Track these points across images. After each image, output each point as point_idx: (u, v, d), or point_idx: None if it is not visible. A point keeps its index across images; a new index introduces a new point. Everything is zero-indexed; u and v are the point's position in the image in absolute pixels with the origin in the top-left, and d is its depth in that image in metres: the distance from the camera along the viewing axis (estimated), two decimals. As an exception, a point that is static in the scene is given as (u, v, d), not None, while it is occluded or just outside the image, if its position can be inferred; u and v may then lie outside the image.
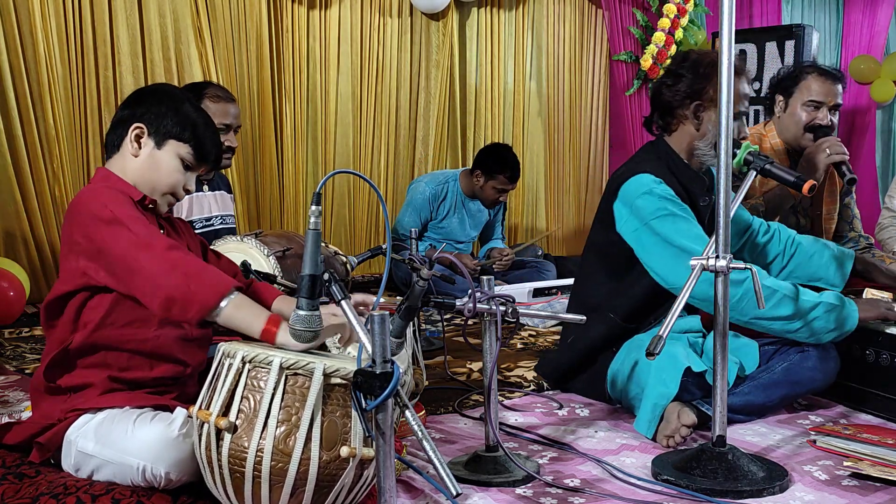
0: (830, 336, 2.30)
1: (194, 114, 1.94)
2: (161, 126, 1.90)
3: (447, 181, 4.74)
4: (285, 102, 4.99)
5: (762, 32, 5.68)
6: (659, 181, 2.38)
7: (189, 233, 2.06)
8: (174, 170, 1.92)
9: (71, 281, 1.82)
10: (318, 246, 1.55)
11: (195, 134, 1.92)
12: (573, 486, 1.92)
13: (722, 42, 1.88)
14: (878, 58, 6.80)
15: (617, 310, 2.48)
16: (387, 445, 1.43)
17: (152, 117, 1.90)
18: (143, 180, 1.90)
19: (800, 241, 2.69)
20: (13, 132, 4.03)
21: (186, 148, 1.92)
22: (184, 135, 1.91)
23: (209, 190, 3.22)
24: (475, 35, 5.80)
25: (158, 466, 1.64)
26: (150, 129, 1.90)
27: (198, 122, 1.94)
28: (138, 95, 1.96)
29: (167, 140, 1.91)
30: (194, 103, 1.99)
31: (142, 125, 1.90)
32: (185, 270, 1.70)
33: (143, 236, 1.74)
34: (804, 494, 1.88)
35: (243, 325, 1.71)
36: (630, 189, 2.40)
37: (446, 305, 1.93)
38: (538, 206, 6.25)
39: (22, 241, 4.10)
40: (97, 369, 1.82)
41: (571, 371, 2.62)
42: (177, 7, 4.54)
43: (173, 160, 1.91)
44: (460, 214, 4.77)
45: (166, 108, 1.91)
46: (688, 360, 2.22)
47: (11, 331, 3.58)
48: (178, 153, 1.91)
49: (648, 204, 2.35)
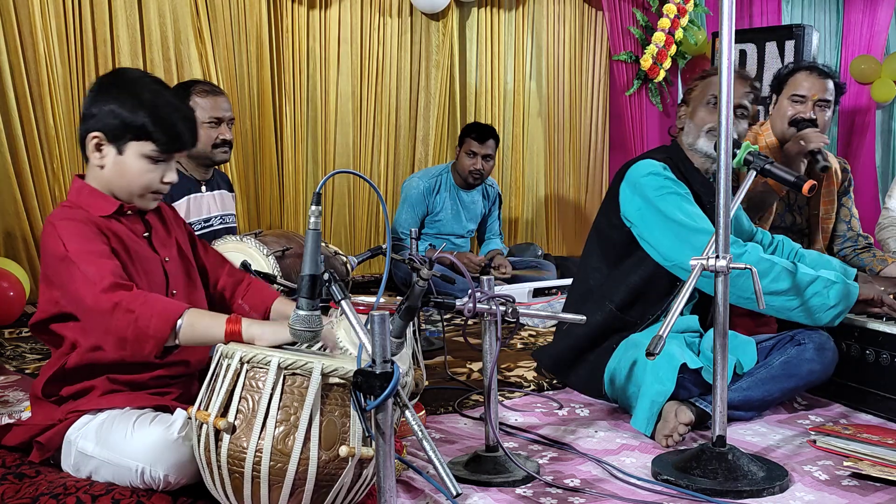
0: (831, 314, 2.31)
1: (149, 101, 1.78)
2: (116, 130, 1.78)
3: (440, 174, 4.78)
4: (285, 102, 4.99)
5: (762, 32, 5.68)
6: (665, 167, 2.48)
7: (178, 224, 2.03)
8: (143, 171, 1.81)
9: (47, 309, 1.82)
10: (318, 246, 1.55)
11: (155, 126, 1.77)
12: (573, 486, 1.92)
13: (722, 42, 1.88)
14: (879, 58, 6.79)
15: (613, 297, 2.51)
16: (387, 445, 1.43)
17: (106, 122, 1.78)
18: (116, 187, 1.83)
19: (803, 254, 2.70)
20: (13, 132, 4.03)
21: (149, 146, 1.79)
22: (142, 132, 1.77)
23: (207, 190, 3.21)
24: (475, 35, 5.80)
25: (157, 469, 1.64)
26: (108, 136, 1.79)
27: (155, 111, 1.77)
28: (91, 96, 1.82)
29: (126, 143, 1.79)
30: (151, 86, 1.83)
31: (97, 133, 1.79)
32: (128, 307, 1.65)
33: (89, 275, 1.69)
34: (804, 494, 1.88)
35: (206, 338, 1.68)
36: (636, 170, 2.50)
37: (446, 305, 1.93)
38: (538, 206, 6.25)
39: (22, 241, 4.09)
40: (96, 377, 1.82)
41: (567, 360, 2.62)
42: (177, 7, 4.54)
43: (138, 161, 1.80)
44: (455, 206, 4.78)
45: (118, 107, 1.77)
46: (683, 357, 2.24)
47: (11, 331, 3.58)
48: (141, 153, 1.79)
49: (653, 182, 2.44)
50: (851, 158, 6.84)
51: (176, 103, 1.85)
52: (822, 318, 2.32)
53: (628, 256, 2.50)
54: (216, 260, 2.07)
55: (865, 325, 2.46)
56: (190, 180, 3.14)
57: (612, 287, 2.53)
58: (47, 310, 1.82)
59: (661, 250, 2.40)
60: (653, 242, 2.43)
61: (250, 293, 2.03)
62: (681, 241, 2.35)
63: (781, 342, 2.42)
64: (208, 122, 3.08)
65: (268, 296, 2.01)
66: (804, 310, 2.31)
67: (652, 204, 2.41)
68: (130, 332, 1.65)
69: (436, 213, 4.75)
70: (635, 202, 2.47)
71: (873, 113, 6.94)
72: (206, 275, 2.03)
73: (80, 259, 1.71)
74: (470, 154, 4.64)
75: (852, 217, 3.32)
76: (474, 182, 4.72)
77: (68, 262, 1.72)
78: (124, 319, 1.65)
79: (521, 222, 6.15)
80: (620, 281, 2.52)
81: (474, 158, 4.64)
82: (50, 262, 1.77)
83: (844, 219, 3.30)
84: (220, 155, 3.14)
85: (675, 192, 2.42)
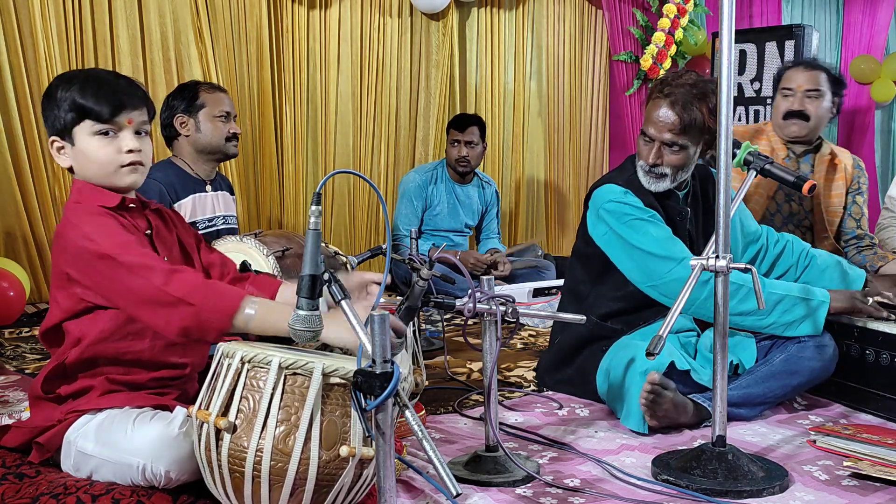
0: (806, 328, 2.35)
1: (73, 85, 1.78)
2: (60, 125, 1.79)
3: (434, 168, 4.83)
4: (285, 102, 4.99)
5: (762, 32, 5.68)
6: (626, 191, 2.47)
7: (181, 223, 2.03)
8: (98, 148, 1.79)
9: (70, 308, 1.80)
10: (318, 246, 1.55)
11: (84, 100, 1.77)
12: (573, 486, 1.92)
13: (722, 42, 1.88)
14: (878, 58, 6.79)
15: (596, 311, 2.54)
16: (387, 445, 1.43)
17: (52, 125, 1.81)
18: (97, 178, 1.82)
19: (814, 254, 2.69)
20: (13, 132, 4.03)
21: (88, 123, 1.78)
22: (78, 115, 1.78)
23: (212, 190, 3.23)
24: (475, 35, 5.80)
25: (158, 465, 1.64)
26: (60, 136, 1.81)
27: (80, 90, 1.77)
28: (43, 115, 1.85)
29: (72, 133, 1.79)
30: (71, 74, 1.84)
31: (52, 138, 1.83)
32: (190, 300, 1.67)
33: (136, 268, 1.69)
34: (804, 494, 1.88)
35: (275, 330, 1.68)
36: (598, 197, 2.51)
37: (446, 305, 1.93)
38: (538, 206, 6.25)
39: (22, 241, 4.10)
40: (95, 377, 1.82)
41: (555, 367, 2.67)
42: (177, 7, 4.54)
43: (90, 142, 1.79)
44: (451, 200, 4.80)
45: (55, 107, 1.79)
46: (671, 356, 2.26)
47: (11, 331, 3.58)
48: (88, 132, 1.79)
49: (614, 209, 2.45)
50: (851, 158, 6.85)
51: (96, 73, 1.85)
52: (797, 331, 2.36)
53: (610, 271, 2.52)
54: (223, 259, 2.06)
55: (865, 325, 2.46)
56: (195, 180, 3.15)
57: (597, 301, 2.56)
58: (69, 308, 1.80)
59: (629, 276, 2.44)
60: (621, 268, 2.46)
61: (256, 284, 2.02)
62: (644, 269, 2.38)
63: (781, 339, 2.42)
64: (219, 115, 3.16)
65: (273, 283, 2.00)
66: (779, 326, 2.36)
67: (615, 232, 2.44)
68: (193, 323, 1.67)
69: (433, 208, 4.78)
70: (600, 228, 2.49)
71: (873, 113, 6.94)
72: (212, 271, 2.02)
73: (120, 253, 1.71)
74: (454, 143, 4.69)
75: (863, 216, 3.32)
76: (463, 170, 4.73)
77: (107, 259, 1.71)
78: (187, 312, 1.67)
79: (521, 222, 6.15)
80: (605, 295, 2.55)
81: (458, 146, 4.68)
82: (78, 261, 1.75)
83: (855, 216, 3.30)
84: (232, 148, 3.21)
85: (639, 217, 2.41)
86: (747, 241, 2.67)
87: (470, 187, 4.86)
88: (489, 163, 5.87)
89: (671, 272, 2.33)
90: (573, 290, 2.67)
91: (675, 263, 2.33)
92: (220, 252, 2.11)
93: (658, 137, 2.41)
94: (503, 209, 5.98)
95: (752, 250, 2.68)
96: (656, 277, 2.36)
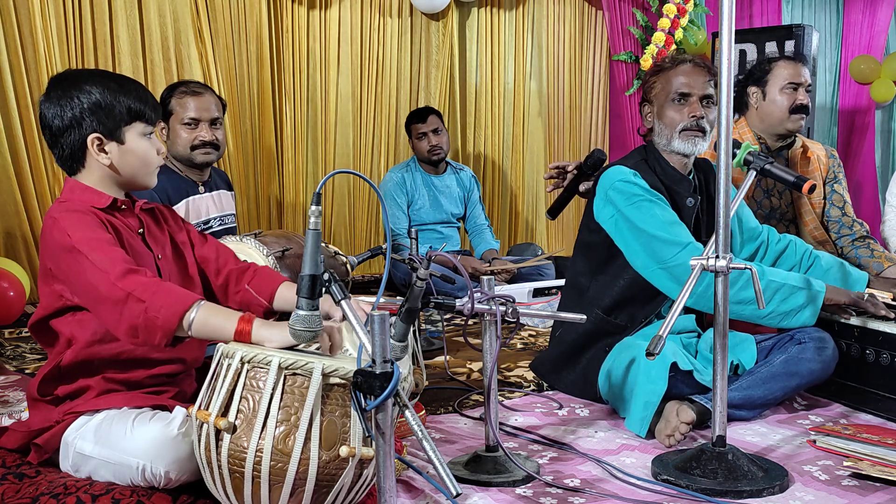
0: (802, 318, 2.34)
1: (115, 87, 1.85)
2: (108, 123, 1.82)
3: (407, 164, 4.88)
4: (285, 102, 4.99)
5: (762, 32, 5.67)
6: (635, 173, 2.47)
7: (174, 220, 2.03)
8: (147, 150, 1.88)
9: (51, 304, 1.82)
10: (318, 246, 1.55)
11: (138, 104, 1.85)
12: (573, 486, 1.92)
13: (722, 42, 1.88)
14: (878, 58, 6.79)
15: (599, 304, 2.52)
16: (387, 445, 1.43)
17: (96, 120, 1.82)
18: (123, 178, 1.87)
19: (818, 255, 2.69)
20: (13, 132, 4.03)
21: (140, 125, 1.86)
22: (130, 116, 1.84)
23: (205, 191, 3.20)
24: (475, 35, 5.79)
25: (158, 465, 1.64)
26: (105, 133, 1.83)
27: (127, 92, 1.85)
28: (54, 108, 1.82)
29: (122, 132, 1.84)
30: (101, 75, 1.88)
31: (95, 135, 1.82)
32: (140, 297, 1.66)
33: (99, 263, 1.70)
34: (804, 494, 1.88)
35: (217, 334, 1.67)
36: (606, 178, 2.50)
37: (446, 305, 1.93)
38: (538, 206, 6.24)
39: (22, 241, 4.09)
40: (92, 376, 1.82)
41: (558, 366, 2.65)
42: (177, 7, 4.53)
43: (140, 143, 1.87)
44: (431, 192, 4.84)
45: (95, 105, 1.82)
46: (674, 357, 2.25)
47: (11, 331, 3.58)
48: (139, 134, 1.86)
49: (623, 189, 2.44)
50: (851, 158, 6.84)
51: (129, 78, 1.93)
52: (793, 322, 2.35)
53: (612, 260, 2.51)
54: (219, 250, 2.05)
55: (865, 325, 2.46)
56: (187, 182, 3.13)
57: (598, 293, 2.55)
58: (50, 305, 1.82)
59: (633, 259, 2.43)
60: (625, 251, 2.45)
61: (257, 279, 2.00)
62: (651, 252, 2.37)
63: (781, 341, 2.43)
64: (186, 123, 3.08)
65: (275, 280, 1.99)
66: (776, 316, 2.34)
67: (622, 213, 2.43)
68: (141, 321, 1.66)
69: (414, 203, 4.81)
70: (607, 210, 2.48)
71: (873, 113, 6.94)
72: (207, 266, 2.02)
73: (87, 248, 1.71)
74: (420, 137, 4.75)
75: (846, 203, 3.30)
76: (437, 158, 4.79)
77: (75, 253, 1.72)
78: (136, 308, 1.66)
79: (521, 222, 6.15)
80: (607, 286, 2.53)
81: (426, 137, 4.74)
82: (54, 255, 1.77)
83: (837, 204, 3.29)
84: (200, 156, 3.10)
85: (647, 199, 2.41)
86: (746, 237, 2.67)
87: (446, 176, 4.90)
88: (489, 163, 5.88)
89: (676, 256, 2.32)
90: (574, 285, 2.66)
91: (679, 248, 2.33)
92: (217, 244, 2.08)
93: (696, 90, 2.46)
94: (503, 209, 5.98)
95: (751, 247, 2.68)
96: (663, 260, 2.34)
